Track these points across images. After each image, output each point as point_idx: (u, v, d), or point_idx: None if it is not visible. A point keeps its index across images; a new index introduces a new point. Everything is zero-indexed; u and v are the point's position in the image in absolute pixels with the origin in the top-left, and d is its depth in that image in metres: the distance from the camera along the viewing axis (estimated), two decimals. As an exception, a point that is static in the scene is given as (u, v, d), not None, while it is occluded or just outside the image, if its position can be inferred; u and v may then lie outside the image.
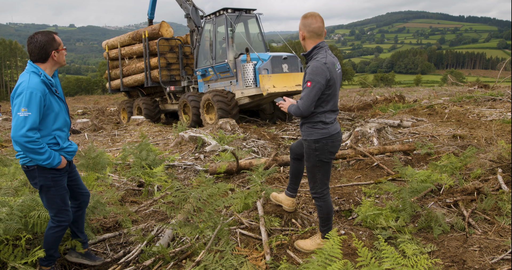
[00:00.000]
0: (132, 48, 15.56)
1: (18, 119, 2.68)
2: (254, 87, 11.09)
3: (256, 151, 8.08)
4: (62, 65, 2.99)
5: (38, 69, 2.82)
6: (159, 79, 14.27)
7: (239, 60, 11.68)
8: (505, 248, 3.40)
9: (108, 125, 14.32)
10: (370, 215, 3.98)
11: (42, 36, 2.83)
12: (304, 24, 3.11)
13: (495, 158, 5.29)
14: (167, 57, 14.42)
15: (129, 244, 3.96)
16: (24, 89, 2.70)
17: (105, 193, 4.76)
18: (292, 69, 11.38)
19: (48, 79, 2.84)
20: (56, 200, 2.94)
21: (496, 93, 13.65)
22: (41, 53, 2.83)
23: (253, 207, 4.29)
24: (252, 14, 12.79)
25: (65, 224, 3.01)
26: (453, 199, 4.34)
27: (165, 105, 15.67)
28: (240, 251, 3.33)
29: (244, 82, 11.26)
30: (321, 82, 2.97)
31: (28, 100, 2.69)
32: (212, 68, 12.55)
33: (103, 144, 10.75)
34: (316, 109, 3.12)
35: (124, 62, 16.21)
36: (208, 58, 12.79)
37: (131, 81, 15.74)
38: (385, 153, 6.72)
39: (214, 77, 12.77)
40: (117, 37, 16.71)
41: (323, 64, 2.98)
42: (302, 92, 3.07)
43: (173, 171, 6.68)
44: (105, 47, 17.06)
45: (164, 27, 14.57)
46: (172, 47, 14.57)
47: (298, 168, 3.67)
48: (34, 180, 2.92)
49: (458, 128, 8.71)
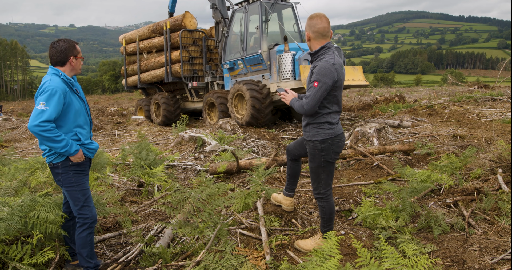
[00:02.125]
0: (151, 42, 14.53)
1: (35, 111, 2.88)
2: (292, 80, 9.88)
3: (256, 151, 8.08)
4: (78, 72, 3.23)
5: (58, 71, 3.06)
6: (181, 74, 13.21)
7: (273, 51, 10.62)
8: (505, 248, 3.40)
9: (108, 125, 14.31)
10: (370, 215, 3.98)
11: (64, 43, 3.10)
12: (310, 25, 3.13)
13: (495, 158, 5.29)
14: (189, 50, 13.41)
15: (129, 244, 3.96)
16: (46, 87, 2.92)
17: (105, 193, 4.76)
18: None
19: (68, 79, 3.07)
20: (78, 196, 3.11)
21: (496, 93, 13.64)
22: (60, 57, 3.07)
23: (253, 207, 4.28)
24: (288, 2, 11.78)
25: (89, 221, 3.14)
26: (453, 199, 4.33)
27: (185, 103, 14.65)
28: (240, 251, 3.32)
29: (280, 74, 10.05)
30: (327, 83, 2.96)
31: (47, 96, 2.89)
32: (242, 60, 11.51)
33: (103, 144, 10.75)
34: (322, 110, 3.11)
35: (142, 56, 15.15)
36: (238, 50, 11.78)
37: (149, 77, 14.72)
38: (385, 153, 6.72)
39: (244, 70, 11.74)
40: (135, 30, 15.59)
41: (331, 65, 2.97)
42: (308, 91, 3.06)
43: (173, 171, 6.67)
44: (122, 41, 16.04)
45: (188, 18, 13.48)
46: (196, 40, 13.54)
47: (295, 169, 3.67)
48: (58, 177, 3.11)
49: (458, 128, 8.71)
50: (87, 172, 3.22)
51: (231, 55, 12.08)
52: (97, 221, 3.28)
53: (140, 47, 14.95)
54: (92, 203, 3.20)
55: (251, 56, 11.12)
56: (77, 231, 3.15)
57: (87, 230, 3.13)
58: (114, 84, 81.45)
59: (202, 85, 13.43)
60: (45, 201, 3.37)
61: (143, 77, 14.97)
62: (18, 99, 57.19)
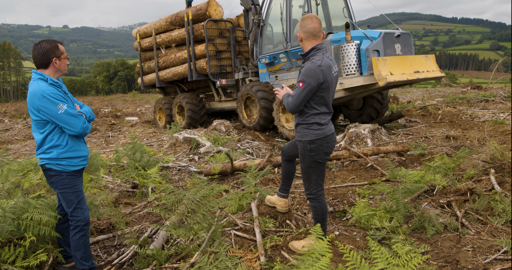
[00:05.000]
0: (170, 35, 12.64)
1: (64, 117, 2.93)
2: (358, 76, 8.29)
3: (250, 152, 8.08)
4: (63, 73, 3.16)
5: (43, 75, 3.01)
6: (207, 71, 11.37)
7: (327, 41, 8.90)
8: (498, 248, 3.42)
9: (102, 126, 14.23)
10: (364, 215, 3.99)
11: (46, 44, 3.02)
12: (301, 26, 3.18)
13: (487, 158, 5.33)
14: (216, 43, 11.53)
15: (123, 246, 3.94)
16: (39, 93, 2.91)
17: (99, 195, 4.74)
18: (405, 50, 8.86)
19: (55, 82, 3.04)
20: (71, 198, 3.09)
21: (488, 94, 13.75)
22: (43, 59, 3.01)
23: (247, 209, 4.28)
24: None
25: (81, 223, 3.12)
26: (447, 199, 4.36)
27: (210, 103, 12.76)
28: (234, 253, 3.32)
29: (342, 69, 8.47)
30: (312, 84, 3.01)
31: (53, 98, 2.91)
32: (285, 53, 9.73)
33: (97, 145, 10.71)
34: (310, 110, 3.14)
35: (160, 52, 13.34)
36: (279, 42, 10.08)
37: (169, 74, 12.90)
38: (379, 154, 6.75)
39: (288, 65, 9.96)
40: (151, 22, 13.73)
41: (317, 66, 3.01)
42: (294, 90, 3.12)
43: (167, 173, 6.66)
44: (136, 36, 14.15)
45: (213, 6, 11.60)
46: (222, 31, 11.67)
47: (289, 170, 3.68)
48: (51, 179, 3.09)
49: (451, 129, 8.76)
50: (81, 174, 3.21)
51: (270, 48, 10.32)
52: (90, 223, 3.26)
53: (157, 41, 13.13)
54: (85, 205, 3.18)
55: (298, 48, 9.31)
56: (70, 233, 3.14)
57: (80, 232, 3.11)
58: (108, 85, 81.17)
59: (232, 82, 11.56)
60: (38, 203, 3.35)
61: (162, 75, 13.23)
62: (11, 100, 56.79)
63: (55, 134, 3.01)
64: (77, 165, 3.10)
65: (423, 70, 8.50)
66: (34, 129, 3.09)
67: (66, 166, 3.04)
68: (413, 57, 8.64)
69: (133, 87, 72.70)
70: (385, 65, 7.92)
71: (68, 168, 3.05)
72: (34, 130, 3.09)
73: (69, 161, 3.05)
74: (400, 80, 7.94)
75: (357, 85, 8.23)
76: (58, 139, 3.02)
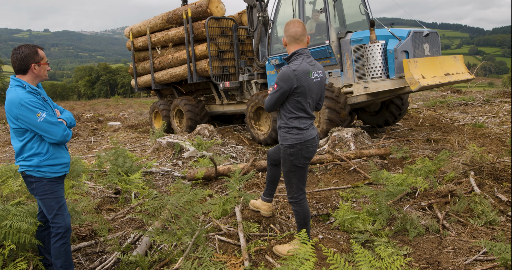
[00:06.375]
0: (167, 34, 11.83)
1: (43, 125, 2.88)
2: (385, 79, 7.67)
3: (234, 157, 8.08)
4: (43, 79, 3.08)
5: (22, 82, 2.95)
6: (209, 72, 10.53)
7: (346, 41, 8.24)
8: (478, 249, 3.49)
9: (84, 131, 14.03)
10: (348, 219, 4.03)
11: (25, 49, 2.94)
12: (284, 30, 3.24)
13: (467, 161, 5.43)
14: (218, 43, 10.73)
15: (105, 253, 3.89)
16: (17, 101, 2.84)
17: (80, 201, 4.67)
18: (433, 51, 8.23)
19: (33, 89, 2.96)
20: (52, 204, 3.03)
21: (468, 98, 14.03)
22: (21, 65, 2.94)
23: (231, 213, 4.28)
24: None
25: (62, 230, 3.05)
26: (428, 202, 4.42)
27: (211, 106, 12.00)
28: (218, 258, 3.31)
29: (367, 72, 7.83)
30: (284, 88, 3.08)
31: (31, 106, 2.85)
32: None
33: (78, 151, 10.56)
34: (289, 114, 3.20)
35: (156, 52, 12.53)
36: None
37: (166, 76, 12.06)
38: (362, 157, 6.81)
39: None
40: (145, 20, 12.88)
41: (291, 71, 3.07)
42: (270, 91, 3.24)
43: (150, 178, 6.60)
44: (128, 35, 13.32)
45: (214, 2, 10.84)
46: (224, 30, 10.85)
47: (274, 174, 3.69)
48: (31, 186, 3.03)
49: (432, 132, 8.91)
50: (62, 180, 3.16)
51: (281, 47, 9.37)
52: (71, 230, 3.21)
53: (152, 40, 12.28)
54: (67, 211, 3.13)
55: (313, 49, 8.51)
56: (51, 241, 3.07)
57: (61, 240, 3.05)
58: (90, 90, 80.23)
59: (235, 85, 10.78)
60: (17, 210, 3.29)
61: (158, 76, 12.37)
62: (-10, 105, 55.61)
63: (35, 142, 2.95)
64: (58, 172, 3.05)
65: (453, 72, 7.98)
66: (13, 136, 3.02)
67: (47, 172, 2.98)
68: (442, 58, 8.10)
69: (115, 91, 72.01)
70: (417, 68, 7.33)
71: (48, 175, 2.99)
72: (13, 137, 3.02)
73: (50, 168, 2.99)
74: (433, 84, 7.43)
75: (384, 89, 7.67)
76: (38, 147, 2.96)
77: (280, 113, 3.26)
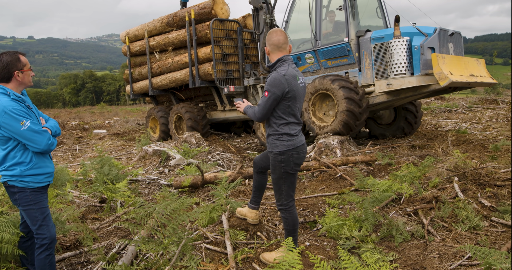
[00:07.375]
0: (167, 37, 11.37)
1: (27, 134, 2.83)
2: (409, 76, 7.41)
3: (221, 164, 8.06)
4: (28, 85, 3.03)
5: (6, 89, 2.90)
6: (213, 76, 10.14)
7: (366, 39, 8.09)
8: (463, 254, 3.53)
9: (68, 139, 13.85)
10: (334, 225, 4.04)
11: (6, 56, 2.89)
12: (267, 39, 3.31)
13: (451, 167, 5.51)
14: (222, 45, 10.39)
15: (90, 263, 3.83)
16: (1, 109, 2.78)
17: (65, 211, 4.60)
18: (457, 51, 8.07)
19: (18, 97, 2.92)
20: (36, 215, 2.97)
21: (451, 104, 14.28)
22: (4, 73, 2.89)
23: (218, 221, 4.26)
24: None
25: (47, 241, 2.99)
26: (413, 207, 4.47)
27: (211, 113, 11.60)
28: (205, 266, 3.29)
29: (391, 68, 7.57)
30: (276, 93, 3.09)
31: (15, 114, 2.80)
32: (313, 53, 8.76)
33: (63, 159, 10.42)
34: (279, 120, 3.20)
35: (154, 57, 12.04)
36: (302, 41, 9.19)
37: (165, 81, 11.59)
38: (348, 164, 6.86)
39: (314, 66, 8.93)
40: (142, 24, 12.38)
41: (282, 76, 3.11)
42: (260, 100, 3.22)
43: (136, 186, 6.55)
44: (124, 40, 12.82)
45: (219, 4, 10.46)
46: (228, 33, 10.53)
47: (261, 182, 3.70)
48: (14, 196, 2.97)
49: (417, 139, 9.02)
50: (46, 190, 3.10)
51: (294, 48, 9.30)
52: (56, 241, 3.15)
53: (150, 45, 11.84)
54: (51, 221, 3.07)
55: (331, 47, 8.40)
56: (36, 252, 3.01)
57: (46, 251, 2.99)
58: (75, 97, 79.32)
59: (240, 89, 10.40)
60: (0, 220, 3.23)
61: (156, 82, 11.86)
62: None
63: (18, 150, 2.90)
64: (41, 182, 3.00)
65: (477, 74, 7.79)
66: None
67: (30, 182, 2.93)
68: (466, 59, 7.90)
69: (101, 99, 71.33)
70: (445, 64, 7.11)
71: (32, 185, 2.94)
72: None
73: (33, 178, 2.94)
74: (462, 82, 7.18)
75: (409, 86, 7.41)
76: (22, 156, 2.91)
77: (269, 121, 3.27)
